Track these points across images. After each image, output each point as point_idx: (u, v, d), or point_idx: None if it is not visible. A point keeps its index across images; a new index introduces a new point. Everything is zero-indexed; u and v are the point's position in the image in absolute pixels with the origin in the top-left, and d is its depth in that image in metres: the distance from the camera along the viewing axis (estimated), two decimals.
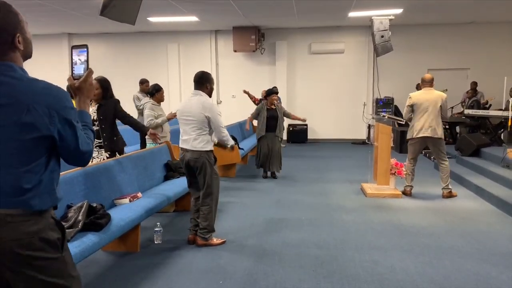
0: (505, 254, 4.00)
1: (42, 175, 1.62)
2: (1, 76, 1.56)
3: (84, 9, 9.21)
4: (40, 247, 1.59)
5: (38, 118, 1.56)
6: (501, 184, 6.13)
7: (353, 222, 4.99)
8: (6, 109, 1.54)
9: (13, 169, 1.56)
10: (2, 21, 1.56)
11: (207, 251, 4.10)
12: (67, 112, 1.64)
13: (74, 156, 1.70)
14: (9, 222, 1.55)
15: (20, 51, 1.64)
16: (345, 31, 12.23)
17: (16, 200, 1.56)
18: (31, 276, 1.59)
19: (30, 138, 1.56)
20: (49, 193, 1.65)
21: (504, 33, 11.58)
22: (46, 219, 1.64)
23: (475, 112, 9.34)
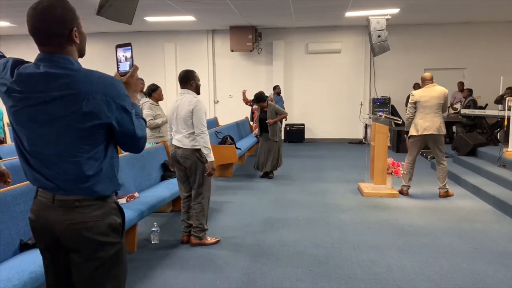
0: (501, 253, 4.01)
1: (102, 162, 1.71)
2: (60, 69, 1.62)
3: (80, 8, 9.13)
4: (104, 231, 1.71)
5: (97, 106, 1.62)
6: (498, 183, 6.15)
7: (350, 221, 5.00)
8: (66, 100, 1.60)
9: (76, 157, 1.65)
10: (60, 16, 1.62)
11: (204, 251, 4.10)
12: (123, 99, 1.70)
13: (131, 141, 1.79)
14: (76, 207, 1.67)
15: (76, 45, 1.71)
16: (342, 31, 12.24)
17: (80, 186, 1.67)
18: (92, 258, 1.71)
19: (90, 126, 1.63)
20: (110, 179, 1.74)
21: (500, 33, 11.62)
22: (109, 204, 1.75)
23: (472, 112, 9.37)
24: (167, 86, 12.46)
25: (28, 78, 1.62)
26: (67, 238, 1.70)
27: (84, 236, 1.68)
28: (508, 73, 9.67)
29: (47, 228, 1.71)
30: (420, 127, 5.85)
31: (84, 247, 1.70)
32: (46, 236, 1.74)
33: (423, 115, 5.83)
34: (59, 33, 1.63)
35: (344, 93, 12.48)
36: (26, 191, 3.05)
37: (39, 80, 1.61)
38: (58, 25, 1.62)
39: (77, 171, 1.66)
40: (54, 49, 1.64)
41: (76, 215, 1.68)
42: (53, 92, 1.60)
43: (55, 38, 1.63)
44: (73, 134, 1.63)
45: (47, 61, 1.63)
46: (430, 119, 5.79)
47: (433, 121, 5.79)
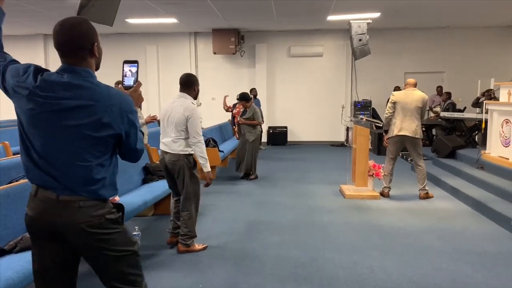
0: (480, 253, 4.09)
1: (108, 168, 1.90)
2: (82, 80, 1.81)
3: (60, 9, 9.04)
4: (107, 225, 1.88)
5: (113, 118, 1.83)
6: (476, 185, 6.27)
7: (332, 223, 5.03)
8: (87, 110, 1.78)
9: (88, 162, 1.82)
10: (85, 31, 1.83)
11: (186, 256, 4.07)
12: (133, 115, 1.92)
13: (131, 153, 2.01)
14: (81, 207, 1.82)
15: (95, 58, 1.90)
16: (324, 35, 12.34)
17: (87, 189, 1.83)
18: (103, 248, 1.88)
19: (105, 135, 1.83)
20: (112, 184, 1.94)
21: (478, 37, 11.88)
22: (108, 204, 1.93)
23: (451, 115, 9.54)
24: (149, 89, 12.36)
25: (52, 85, 1.79)
26: (75, 235, 1.84)
27: (89, 232, 1.83)
28: (485, 77, 9.86)
29: (51, 226, 1.83)
30: (397, 127, 5.96)
31: (91, 241, 1.85)
32: (48, 233, 1.85)
33: (401, 117, 5.94)
34: (83, 46, 1.83)
35: (326, 96, 12.58)
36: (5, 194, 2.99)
37: (63, 88, 1.78)
38: (83, 40, 1.82)
39: (87, 174, 1.82)
40: (77, 61, 1.83)
41: (81, 214, 1.82)
42: (75, 101, 1.78)
43: (79, 51, 1.83)
44: (88, 141, 1.80)
45: (70, 72, 1.82)
46: (407, 120, 5.90)
47: (410, 123, 5.89)
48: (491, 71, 10.89)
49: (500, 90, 6.88)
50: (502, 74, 10.95)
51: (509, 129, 6.24)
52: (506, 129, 6.33)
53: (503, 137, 6.44)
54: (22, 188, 3.16)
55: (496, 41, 11.86)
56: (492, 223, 5.03)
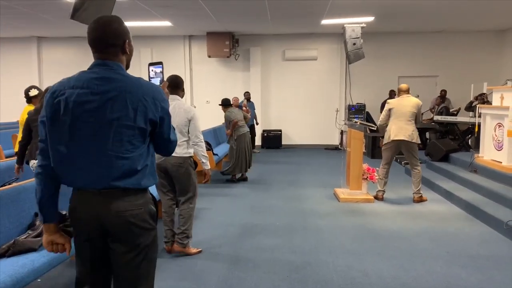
0: (473, 257, 4.10)
1: (147, 158, 1.94)
2: (115, 74, 1.89)
3: (54, 12, 9.01)
4: (145, 218, 1.93)
5: (147, 107, 1.88)
6: (469, 188, 6.30)
7: (326, 226, 5.03)
8: (122, 99, 1.84)
9: (130, 153, 1.86)
10: (117, 29, 1.92)
11: (181, 259, 4.05)
12: (165, 103, 1.99)
13: (165, 143, 2.04)
14: (124, 196, 1.88)
15: (126, 55, 1.99)
16: (318, 38, 12.38)
17: (130, 179, 1.88)
18: (135, 243, 1.91)
19: (143, 124, 1.87)
20: (152, 174, 1.99)
21: (471, 42, 11.97)
22: (148, 194, 2.00)
23: (444, 118, 9.59)
24: None
25: (88, 82, 1.86)
26: (115, 225, 1.88)
27: (130, 222, 1.88)
28: (478, 81, 9.94)
29: (94, 217, 1.87)
30: (392, 133, 6.02)
31: (129, 233, 1.89)
32: (91, 225, 1.89)
33: (396, 122, 6.01)
34: (115, 43, 1.92)
35: (320, 99, 12.61)
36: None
37: (98, 82, 1.85)
38: (115, 36, 1.91)
39: (130, 165, 1.86)
40: (108, 56, 1.91)
41: (123, 203, 1.87)
42: (110, 93, 1.83)
43: (112, 47, 1.91)
44: (128, 132, 1.85)
45: (103, 66, 1.90)
46: (402, 125, 5.96)
47: (405, 128, 5.95)
48: (484, 75, 11.00)
49: (493, 94, 6.92)
50: (495, 78, 11.06)
51: (501, 133, 6.28)
52: (499, 133, 6.37)
53: (496, 141, 6.48)
54: (14, 192, 3.14)
55: (489, 45, 11.95)
56: (485, 226, 5.05)
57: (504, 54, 11.74)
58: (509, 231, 4.59)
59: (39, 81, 12.54)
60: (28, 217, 3.20)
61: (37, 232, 3.01)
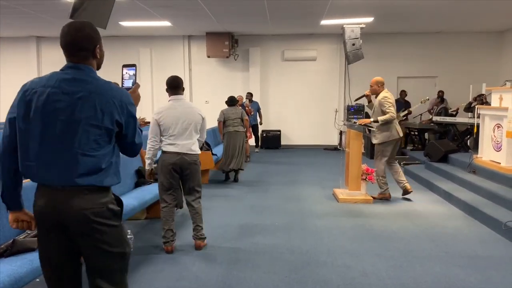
0: (472, 257, 4.11)
1: (111, 158, 2.02)
2: (85, 76, 1.99)
3: (53, 12, 9.01)
4: (107, 215, 2.00)
5: (114, 109, 1.97)
6: (468, 189, 6.30)
7: (325, 227, 5.03)
8: (91, 100, 1.93)
9: (95, 151, 1.94)
10: (88, 34, 2.02)
11: (180, 259, 4.05)
12: (132, 107, 2.08)
13: (131, 146, 2.14)
14: (86, 194, 1.94)
15: (96, 59, 2.08)
16: (317, 39, 12.39)
17: (93, 177, 1.95)
18: (99, 240, 1.98)
19: (107, 124, 1.95)
20: (115, 173, 2.06)
21: (470, 42, 11.98)
22: (110, 193, 2.06)
23: (443, 119, 9.60)
24: (141, 91, 12.24)
25: (59, 82, 1.95)
26: (76, 222, 1.93)
27: (92, 219, 1.94)
28: (477, 82, 9.95)
29: (56, 213, 1.94)
30: (398, 129, 6.12)
31: (91, 230, 1.95)
32: (53, 220, 1.95)
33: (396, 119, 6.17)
34: (86, 47, 2.01)
35: (320, 100, 12.61)
36: None
37: (68, 83, 1.95)
38: (86, 41, 2.01)
39: (94, 164, 1.94)
40: (79, 60, 2.01)
41: (85, 201, 1.94)
42: (80, 94, 1.93)
43: (83, 51, 2.01)
44: (95, 131, 1.93)
45: (74, 69, 2.00)
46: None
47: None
48: (483, 76, 11.00)
49: (492, 95, 6.93)
50: (494, 79, 11.06)
51: (500, 133, 6.29)
52: (498, 134, 6.38)
53: (494, 142, 6.49)
54: None
55: (488, 46, 11.97)
56: (484, 226, 5.06)
57: (503, 55, 11.76)
58: (508, 231, 4.60)
59: None
60: None
61: (34, 232, 3.00)
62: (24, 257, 2.76)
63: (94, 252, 2.00)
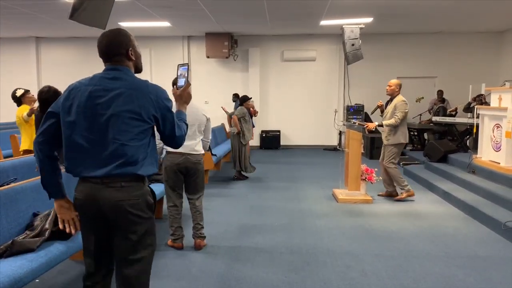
0: (472, 257, 4.11)
1: (147, 149, 2.17)
2: (123, 75, 2.18)
3: (53, 12, 9.01)
4: (142, 207, 2.15)
5: (151, 103, 2.14)
6: (467, 189, 6.31)
7: (325, 227, 5.03)
8: (129, 95, 2.10)
9: (132, 143, 2.09)
10: (121, 40, 2.22)
11: (179, 260, 4.05)
12: (167, 102, 2.22)
13: (171, 137, 2.27)
14: (122, 186, 2.09)
15: (132, 61, 2.26)
16: (317, 39, 12.40)
17: (130, 168, 2.09)
18: (133, 231, 2.13)
19: (145, 118, 2.12)
20: (151, 164, 2.20)
21: (469, 43, 12.00)
22: (146, 186, 2.22)
23: (442, 119, 9.60)
24: None
25: (100, 80, 2.14)
26: (113, 212, 2.09)
27: (128, 210, 2.09)
28: (476, 82, 9.96)
29: (95, 205, 2.10)
30: (406, 135, 6.20)
31: (126, 220, 2.11)
32: (93, 212, 2.12)
33: (405, 124, 6.16)
34: (120, 52, 2.21)
35: (319, 100, 12.62)
36: None
37: (109, 81, 2.14)
38: (119, 47, 2.21)
39: (132, 155, 2.09)
40: (116, 63, 2.21)
41: (122, 193, 2.09)
42: (119, 90, 2.11)
43: (117, 56, 2.21)
44: (133, 123, 2.09)
45: (113, 70, 2.19)
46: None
47: None
48: (482, 76, 11.02)
49: (491, 95, 6.94)
50: (493, 79, 11.09)
51: (500, 133, 6.29)
52: (497, 134, 6.39)
53: (494, 142, 6.49)
54: (12, 192, 3.13)
55: (487, 46, 11.98)
56: (483, 226, 5.06)
57: (502, 55, 11.77)
58: (507, 231, 4.60)
59: (37, 81, 12.53)
60: (26, 217, 3.20)
61: (35, 232, 3.01)
62: (24, 257, 2.76)
63: (124, 242, 2.14)
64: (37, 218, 3.17)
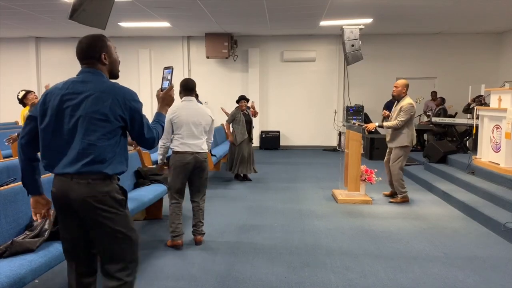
0: (471, 258, 4.11)
1: (116, 148, 2.26)
2: (93, 78, 2.28)
3: (52, 12, 9.01)
4: (110, 203, 2.24)
5: (118, 105, 2.23)
6: (467, 190, 6.31)
7: (324, 228, 5.03)
8: (97, 98, 2.20)
9: (101, 143, 2.20)
10: (95, 45, 2.33)
11: (178, 260, 4.05)
12: (135, 103, 2.31)
13: (140, 138, 2.36)
14: (89, 183, 2.19)
15: (106, 66, 2.36)
16: (317, 40, 12.40)
17: (98, 166, 2.20)
18: (103, 224, 2.23)
19: (111, 119, 2.21)
20: (120, 163, 2.30)
21: (469, 44, 12.00)
22: (114, 183, 2.29)
23: (442, 120, 9.61)
24: (141, 92, 12.30)
25: (72, 84, 2.26)
26: (82, 208, 2.20)
27: (95, 206, 2.20)
28: (476, 83, 9.97)
29: (67, 200, 2.21)
30: (414, 137, 6.15)
31: (95, 216, 2.21)
32: (66, 206, 2.24)
33: (412, 126, 6.08)
34: (91, 55, 2.32)
35: (319, 101, 12.62)
36: None
37: (79, 84, 2.25)
38: (92, 50, 2.32)
39: (99, 154, 2.19)
40: (89, 65, 2.32)
41: (89, 190, 2.19)
42: (88, 92, 2.22)
43: (90, 59, 2.32)
44: (101, 124, 2.19)
45: (85, 73, 2.31)
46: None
47: None
48: (482, 77, 11.04)
49: (491, 96, 6.94)
50: (493, 80, 11.10)
51: (499, 134, 6.29)
52: (497, 135, 6.39)
53: (493, 143, 6.50)
54: (12, 192, 3.13)
55: (487, 47, 11.99)
56: (483, 227, 5.07)
57: (502, 56, 11.78)
58: (507, 232, 4.61)
59: (37, 81, 12.53)
60: (26, 217, 3.20)
61: (35, 232, 3.01)
62: (23, 258, 2.76)
63: (100, 236, 2.26)
64: None
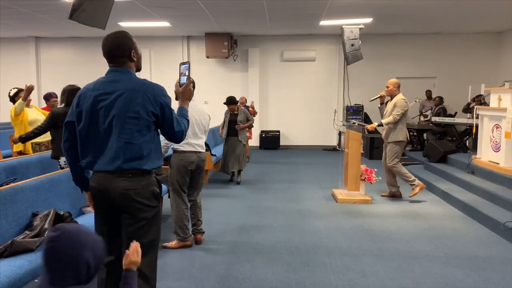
0: (471, 258, 4.11)
1: (151, 144, 2.36)
2: (123, 76, 2.36)
3: (52, 12, 9.01)
4: (147, 196, 2.36)
5: (148, 101, 2.31)
6: (467, 189, 6.31)
7: (324, 227, 5.03)
8: (128, 96, 2.28)
9: (137, 140, 2.29)
10: (122, 43, 2.39)
11: (178, 260, 4.05)
12: (165, 98, 2.38)
13: (170, 132, 2.43)
14: (130, 177, 2.31)
15: (134, 62, 2.44)
16: (316, 40, 12.40)
17: (136, 162, 2.30)
18: (138, 217, 2.34)
19: (144, 116, 2.29)
20: (156, 158, 2.40)
21: (469, 43, 12.00)
22: (152, 177, 2.42)
23: (442, 120, 9.61)
24: None
25: (102, 85, 2.34)
26: (121, 200, 2.30)
27: (134, 199, 2.31)
28: (475, 82, 9.97)
29: (105, 193, 2.31)
30: (406, 133, 6.26)
31: (132, 208, 2.32)
32: (104, 199, 2.34)
33: (404, 122, 6.17)
34: (123, 54, 2.39)
35: (319, 100, 12.62)
36: None
37: (109, 85, 2.33)
38: (122, 49, 2.38)
39: (137, 151, 2.29)
40: (118, 65, 2.39)
41: (129, 183, 2.30)
42: (119, 92, 2.29)
43: (120, 58, 2.39)
44: (135, 121, 2.28)
45: (114, 72, 2.38)
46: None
47: None
48: (482, 77, 11.03)
49: (490, 96, 6.94)
50: (493, 79, 11.10)
51: (499, 134, 6.29)
52: (496, 134, 6.39)
53: (493, 142, 6.49)
54: (12, 192, 3.13)
55: (486, 47, 11.99)
56: (483, 227, 5.07)
57: (502, 55, 11.78)
58: (507, 232, 4.61)
59: (37, 81, 12.53)
60: (26, 217, 3.20)
61: (35, 232, 3.01)
62: (23, 258, 2.76)
63: (132, 227, 2.34)
64: (37, 218, 3.17)
